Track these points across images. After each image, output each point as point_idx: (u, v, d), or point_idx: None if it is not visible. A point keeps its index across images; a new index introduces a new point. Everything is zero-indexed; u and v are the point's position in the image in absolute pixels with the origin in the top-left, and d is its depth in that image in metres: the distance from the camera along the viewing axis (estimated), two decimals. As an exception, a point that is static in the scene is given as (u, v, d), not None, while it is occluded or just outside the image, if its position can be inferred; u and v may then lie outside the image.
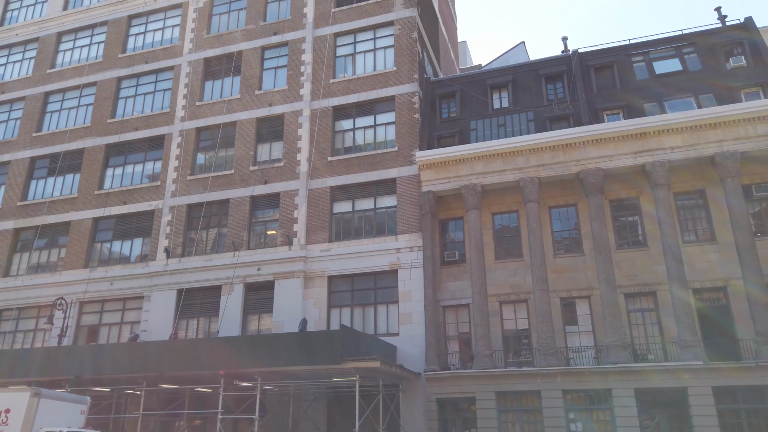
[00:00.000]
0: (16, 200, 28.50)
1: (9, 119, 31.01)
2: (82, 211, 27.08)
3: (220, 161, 26.12)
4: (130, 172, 27.52)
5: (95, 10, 31.47)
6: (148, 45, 29.96)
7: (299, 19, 27.11)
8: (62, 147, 28.81)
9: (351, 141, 24.80)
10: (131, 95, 29.15)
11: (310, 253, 23.15)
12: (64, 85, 30.35)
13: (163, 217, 25.61)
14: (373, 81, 25.07)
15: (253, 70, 26.98)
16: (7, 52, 33.06)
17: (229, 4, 29.21)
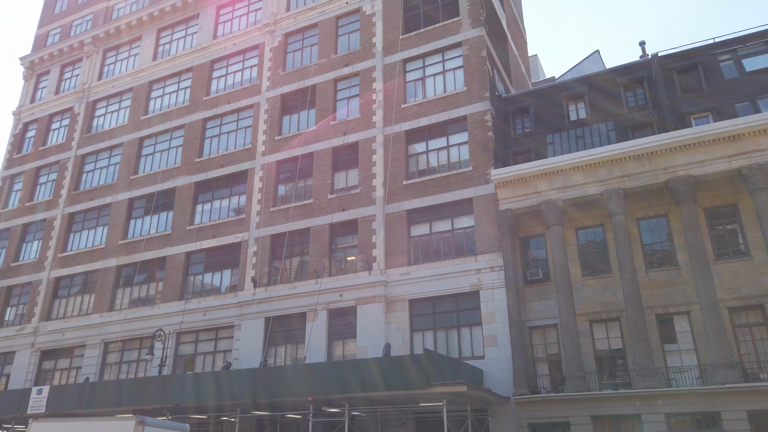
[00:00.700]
0: (118, 239, 30.73)
1: (109, 164, 33.67)
2: (175, 246, 28.75)
3: (300, 191, 26.98)
4: (218, 207, 28.99)
5: (181, 58, 33.78)
6: (230, 86, 31.71)
7: (369, 48, 27.78)
8: (156, 187, 30.86)
9: (425, 163, 24.90)
10: (216, 134, 30.87)
11: (390, 277, 23.27)
12: (156, 129, 32.63)
13: (249, 248, 26.69)
14: (444, 102, 25.16)
15: (327, 101, 27.85)
16: (106, 103, 36.08)
17: (302, 41, 30.46)
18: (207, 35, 33.58)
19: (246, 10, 33.27)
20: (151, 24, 36.03)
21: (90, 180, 33.89)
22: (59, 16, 41.45)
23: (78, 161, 34.64)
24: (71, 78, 38.37)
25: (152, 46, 35.45)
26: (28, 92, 39.58)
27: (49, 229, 33.28)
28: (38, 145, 36.86)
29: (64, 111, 37.28)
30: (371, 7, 28.59)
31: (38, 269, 32.43)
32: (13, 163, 37.34)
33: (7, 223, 35.20)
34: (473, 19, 25.81)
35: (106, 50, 37.59)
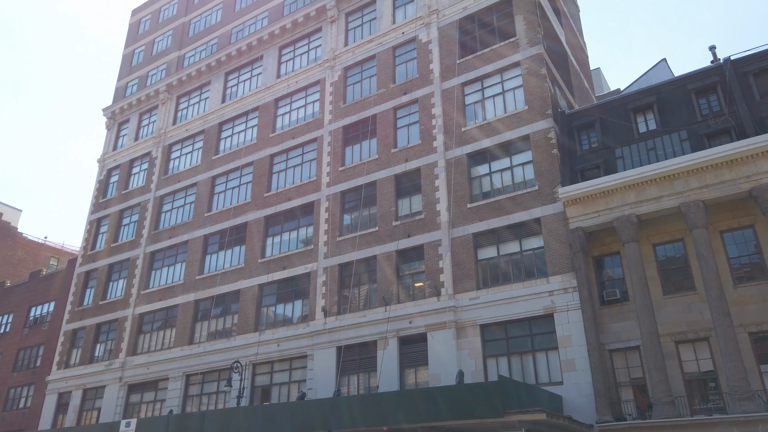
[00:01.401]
0: (195, 274, 32.07)
1: (185, 203, 35.42)
2: (248, 279, 29.66)
3: (365, 220, 27.28)
4: (287, 239, 29.76)
5: (247, 99, 35.34)
6: (294, 122, 32.80)
7: (426, 75, 28.05)
8: (229, 223, 32.11)
9: (489, 185, 24.62)
10: (282, 169, 31.89)
11: (459, 303, 22.94)
12: (227, 167, 34.11)
13: (318, 278, 27.14)
14: (505, 123, 24.91)
15: (387, 130, 28.23)
16: (180, 146, 38.14)
17: (360, 73, 31.18)
18: (271, 75, 35.03)
19: (306, 48, 34.51)
20: (219, 69, 38.00)
21: (168, 219, 35.73)
22: (136, 67, 44.52)
23: (157, 202, 36.65)
24: (149, 124, 40.92)
25: (221, 89, 37.32)
26: (111, 140, 42.49)
27: (132, 267, 35.23)
28: (121, 189, 39.33)
29: (143, 156, 39.71)
30: (427, 35, 28.95)
31: (124, 306, 34.28)
32: (99, 208, 39.97)
33: (95, 263, 37.56)
34: (530, 38, 25.58)
35: (179, 96, 39.90)
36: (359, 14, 32.89)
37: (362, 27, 32.37)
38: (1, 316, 43.01)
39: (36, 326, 39.91)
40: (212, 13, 41.91)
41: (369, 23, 32.15)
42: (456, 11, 28.56)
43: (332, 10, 33.28)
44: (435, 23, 28.89)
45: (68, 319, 36.75)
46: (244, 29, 38.79)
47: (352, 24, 32.96)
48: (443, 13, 28.95)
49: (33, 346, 39.31)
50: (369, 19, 32.26)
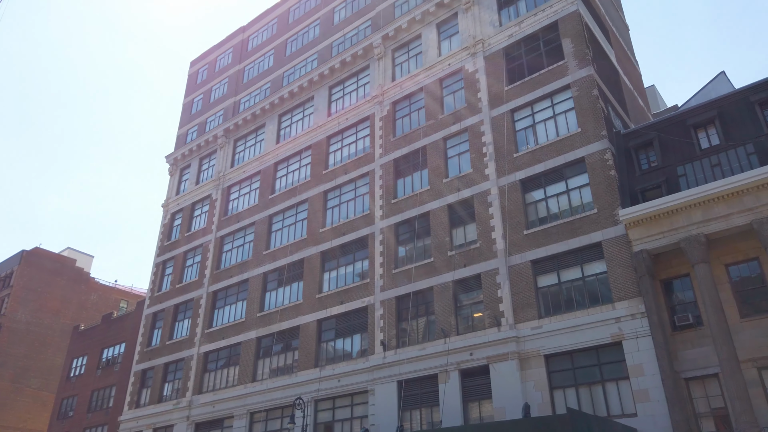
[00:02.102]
0: (256, 312, 32.69)
1: (244, 243, 36.41)
2: (307, 315, 29.95)
3: (420, 251, 27.18)
4: (344, 273, 29.98)
5: (300, 138, 36.35)
6: (345, 158, 33.41)
7: (475, 104, 28.08)
8: (287, 260, 32.71)
9: (545, 211, 24.11)
10: (336, 204, 32.38)
11: (521, 333, 22.31)
12: (283, 206, 34.96)
13: (376, 311, 27.09)
14: (558, 147, 24.49)
15: (438, 160, 28.28)
16: (238, 187, 39.44)
17: (409, 106, 31.57)
18: (322, 114, 35.97)
19: (355, 85, 35.34)
20: (273, 111, 39.38)
21: (229, 259, 36.77)
22: (196, 115, 46.74)
23: (218, 243, 37.84)
24: (208, 168, 42.64)
25: (275, 131, 38.59)
26: (174, 185, 44.47)
27: (196, 307, 36.30)
28: (184, 232, 40.89)
29: (203, 199, 41.30)
30: (473, 64, 29.10)
31: (189, 346, 35.23)
32: (164, 250, 41.63)
33: (161, 304, 38.94)
34: (579, 60, 25.27)
35: (236, 140, 41.49)
36: (405, 49, 33.49)
37: (408, 61, 32.91)
38: (77, 358, 45.05)
39: (108, 367, 41.54)
40: (264, 59, 43.70)
41: (415, 57, 32.65)
42: (501, 39, 28.63)
43: (378, 48, 34.05)
44: (481, 52, 29.03)
45: (138, 359, 38.06)
46: (295, 72, 40.18)
47: (399, 59, 33.58)
48: (488, 42, 29.09)
49: (106, 387, 40.86)
50: (415, 53, 32.79)
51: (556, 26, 26.97)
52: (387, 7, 35.57)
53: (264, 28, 45.45)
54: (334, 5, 39.89)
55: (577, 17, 26.21)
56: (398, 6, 35.04)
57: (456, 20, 31.42)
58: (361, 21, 37.06)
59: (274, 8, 45.35)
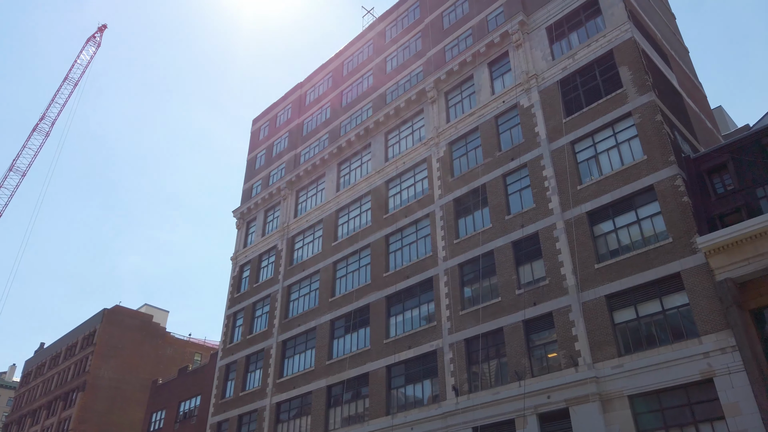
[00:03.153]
0: (325, 360, 32.71)
1: (310, 291, 36.87)
2: (376, 361, 29.67)
3: (486, 291, 26.59)
4: (410, 317, 29.67)
5: (359, 185, 36.96)
6: (405, 201, 33.59)
7: (532, 138, 27.76)
8: (352, 306, 32.78)
9: (616, 243, 23.16)
10: (398, 248, 32.40)
11: (601, 372, 21.16)
12: (346, 252, 35.31)
13: (445, 355, 26.50)
14: (624, 176, 23.69)
15: (498, 198, 27.94)
16: (302, 237, 40.29)
17: (465, 146, 31.60)
18: (379, 160, 36.55)
19: (410, 130, 35.82)
20: (332, 161, 40.38)
21: (296, 307, 37.25)
22: (259, 170, 48.56)
23: (285, 292, 38.50)
24: (273, 220, 43.91)
25: (335, 179, 39.45)
26: (241, 238, 45.96)
27: (267, 357, 36.74)
28: (252, 283, 41.91)
29: (270, 250, 42.36)
30: (528, 100, 28.95)
31: (261, 396, 35.53)
32: (234, 302, 42.72)
33: (233, 356, 39.69)
34: (639, 86, 24.65)
35: (298, 190, 42.67)
36: (458, 91, 33.80)
37: (462, 102, 33.14)
38: (156, 412, 46.29)
39: (186, 421, 42.38)
40: (322, 111, 45.20)
41: (468, 98, 32.86)
42: (555, 72, 28.43)
43: (431, 92, 34.54)
44: (535, 87, 28.88)
45: (213, 412, 38.66)
46: (351, 121, 41.25)
47: (452, 101, 33.88)
48: (542, 76, 28.94)
49: (183, 440, 41.56)
50: (468, 94, 33.01)
51: (612, 55, 26.56)
52: (437, 52, 36.23)
53: (320, 82, 47.20)
54: (385, 55, 41.03)
55: (633, 44, 25.74)
56: (448, 50, 35.62)
57: (507, 58, 31.54)
58: (412, 67, 37.86)
59: (328, 63, 47.14)
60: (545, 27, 30.09)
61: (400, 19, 41.59)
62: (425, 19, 38.65)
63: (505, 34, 31.40)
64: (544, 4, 30.66)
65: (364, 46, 44.02)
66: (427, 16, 38.53)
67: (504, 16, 32.69)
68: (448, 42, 35.75)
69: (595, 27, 28.06)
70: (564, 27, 29.49)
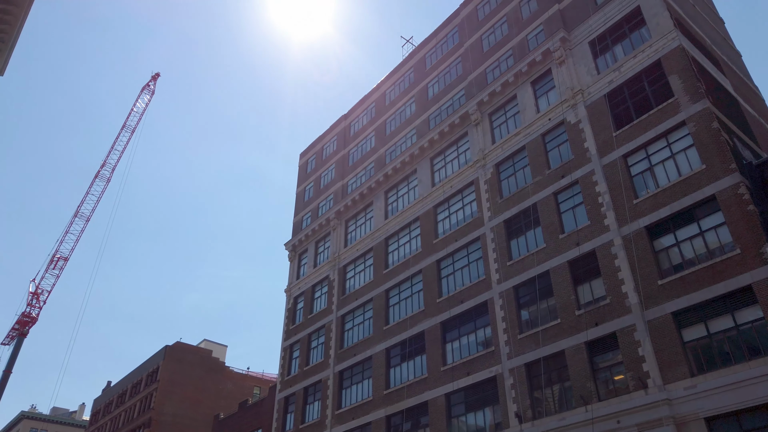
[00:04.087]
0: (382, 389, 32.40)
1: (364, 320, 36.83)
2: (434, 390, 29.17)
3: (544, 313, 25.88)
4: (466, 343, 29.14)
5: (407, 211, 36.99)
6: (454, 225, 33.35)
7: (582, 154, 27.20)
8: (407, 333, 32.50)
9: (678, 257, 22.20)
10: (450, 273, 32.06)
11: (673, 394, 20.09)
12: (398, 279, 35.20)
13: (505, 381, 25.80)
14: (682, 187, 22.82)
15: (551, 216, 27.37)
16: (354, 266, 40.43)
17: (512, 166, 31.24)
18: (426, 185, 36.55)
19: (456, 153, 35.76)
20: (379, 189, 40.67)
21: (351, 337, 37.23)
22: (308, 202, 49.39)
23: (339, 322, 38.60)
24: (324, 251, 44.37)
25: (383, 207, 39.65)
26: (294, 271, 46.57)
27: (324, 389, 36.72)
28: (307, 314, 42.25)
29: (322, 280, 42.72)
30: (575, 115, 28.48)
31: (321, 428, 35.40)
32: (290, 334, 43.10)
33: (292, 388, 39.86)
34: (691, 94, 23.88)
35: (347, 220, 43.06)
36: (501, 112, 33.62)
37: (507, 123, 32.91)
38: (218, 446, 46.77)
39: (247, 454, 42.62)
40: (366, 141, 45.77)
41: (513, 117, 32.62)
42: (601, 87, 27.93)
43: (475, 114, 34.49)
44: (581, 103, 28.42)
45: (273, 444, 38.74)
46: (396, 149, 41.56)
47: (497, 122, 33.70)
48: (588, 91, 28.48)
49: (246, 474, 41.76)
50: (512, 114, 32.79)
51: (660, 65, 25.91)
52: (478, 75, 36.26)
53: (363, 113, 47.94)
54: (426, 82, 41.37)
55: (681, 52, 25.06)
56: (489, 72, 35.61)
57: (550, 75, 31.24)
58: (454, 92, 37.99)
59: (371, 94, 47.90)
60: (588, 42, 29.70)
61: (439, 46, 41.98)
62: (464, 43, 38.87)
63: (547, 52, 31.17)
64: (585, 19, 30.34)
65: (405, 74, 44.57)
66: (467, 41, 38.74)
67: (544, 35, 32.51)
68: (489, 64, 35.77)
69: (640, 38, 27.51)
70: (607, 40, 29.04)
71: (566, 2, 32.10)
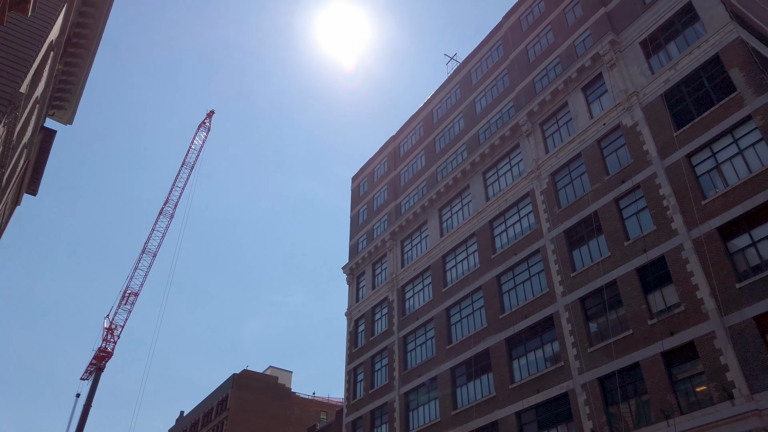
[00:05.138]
0: (450, 410, 31.86)
1: (426, 340, 36.48)
2: (503, 409, 28.44)
3: (614, 324, 24.91)
4: (533, 359, 28.35)
5: (463, 228, 36.66)
6: (512, 238, 32.77)
7: (642, 157, 26.31)
8: (471, 352, 31.95)
9: (756, 258, 20.96)
10: (511, 287, 31.43)
11: (762, 404, 18.82)
12: (457, 297, 34.78)
13: (578, 397, 24.88)
14: (754, 184, 21.65)
15: (613, 224, 26.49)
16: (412, 286, 40.27)
17: (569, 174, 30.53)
18: (480, 200, 36.18)
19: (508, 166, 35.31)
20: (432, 207, 40.56)
21: (414, 358, 36.93)
22: (362, 225, 49.79)
23: (401, 343, 38.40)
24: (381, 272, 44.46)
25: (437, 225, 39.47)
26: (353, 294, 46.84)
27: (391, 411, 36.46)
28: (368, 337, 42.27)
29: (381, 302, 42.74)
30: (631, 118, 27.65)
31: (389, 451, 35.06)
32: (353, 358, 43.18)
33: (358, 412, 39.79)
34: (755, 87, 22.77)
35: (403, 240, 43.08)
36: (553, 120, 33.04)
37: (559, 131, 32.29)
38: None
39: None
40: (417, 160, 45.89)
41: (566, 125, 31.98)
42: (657, 87, 27.04)
43: (525, 125, 34.04)
44: (637, 104, 27.58)
45: (343, 469, 38.63)
46: (447, 166, 41.44)
47: (549, 131, 33.12)
48: (643, 92, 27.62)
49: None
50: (564, 122, 32.16)
51: (718, 59, 24.88)
52: (526, 85, 35.85)
53: (412, 132, 48.17)
54: (473, 96, 41.24)
55: (741, 44, 24.00)
56: (537, 81, 35.15)
57: (602, 80, 30.53)
58: (502, 104, 37.67)
59: (418, 113, 48.14)
60: (638, 42, 28.91)
61: (484, 60, 41.85)
62: (510, 55, 38.61)
63: (596, 56, 30.52)
64: (634, 19, 29.59)
65: (452, 91, 44.59)
66: (512, 52, 38.47)
67: (592, 39, 31.89)
68: (537, 74, 35.33)
69: (695, 33, 26.56)
70: (660, 39, 28.18)
71: (613, 5, 31.44)
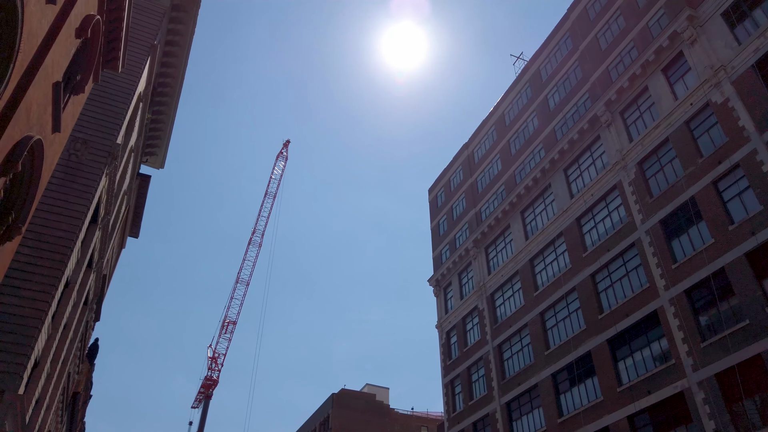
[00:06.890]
0: (555, 418, 30.71)
1: (522, 347, 35.50)
2: (613, 414, 27.06)
3: (727, 315, 23.14)
4: (640, 358, 26.85)
5: (548, 229, 35.56)
6: (603, 234, 31.39)
7: (738, 134, 24.51)
8: (572, 356, 30.73)
9: None
10: (608, 285, 30.03)
11: None
12: (551, 300, 33.66)
13: (695, 396, 23.24)
14: None
15: (714, 207, 24.77)
16: (501, 292, 39.48)
17: (658, 161, 28.95)
18: (564, 198, 35.00)
19: (590, 160, 34.00)
20: (513, 210, 39.69)
21: (512, 366, 36.01)
22: (444, 235, 49.51)
23: (496, 352, 37.59)
24: (468, 281, 43.90)
25: (521, 228, 38.53)
26: (441, 305, 46.51)
27: (493, 422, 35.65)
28: (461, 348, 41.73)
29: (471, 311, 42.14)
30: (720, 94, 25.89)
31: (496, 463, 34.24)
32: (449, 370, 42.74)
33: (460, 425, 39.23)
34: None
35: (486, 247, 42.38)
36: (634, 107, 31.55)
37: (642, 117, 30.76)
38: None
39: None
40: (492, 165, 45.22)
41: (648, 111, 30.43)
42: (747, 57, 25.19)
43: (604, 115, 32.71)
44: (725, 79, 25.80)
45: (450, 484, 38.11)
46: (525, 167, 40.51)
47: (630, 119, 31.64)
48: (731, 65, 25.82)
49: None
50: (646, 107, 30.62)
51: (814, 17, 22.86)
52: (601, 74, 34.52)
53: (485, 137, 47.57)
54: (545, 93, 40.21)
55: (840, -3, 21.93)
56: (612, 69, 33.76)
57: (683, 58, 28.85)
58: (577, 97, 36.45)
59: (489, 117, 47.52)
60: (720, 14, 27.12)
61: (552, 55, 40.78)
62: (579, 46, 37.39)
63: (675, 35, 28.91)
64: (711, -10, 27.83)
65: (522, 90, 43.72)
66: (581, 43, 37.25)
67: (667, 18, 30.27)
68: (611, 61, 33.94)
69: (784, -6, 24.57)
70: (743, 7, 26.30)
71: (686, -22, 29.75)
